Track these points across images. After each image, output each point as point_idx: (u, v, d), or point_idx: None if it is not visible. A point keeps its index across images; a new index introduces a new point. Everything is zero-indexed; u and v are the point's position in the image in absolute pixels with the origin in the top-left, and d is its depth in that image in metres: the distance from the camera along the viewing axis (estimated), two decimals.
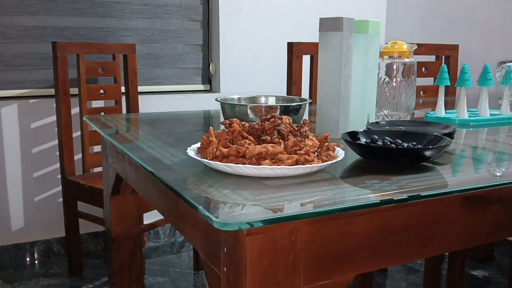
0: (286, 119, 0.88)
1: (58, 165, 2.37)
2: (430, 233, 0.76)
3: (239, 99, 1.32)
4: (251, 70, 2.75)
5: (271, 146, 0.78)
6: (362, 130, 0.97)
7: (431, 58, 2.29)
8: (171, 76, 2.67)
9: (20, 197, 2.33)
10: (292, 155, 0.78)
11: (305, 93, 2.09)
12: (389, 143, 0.87)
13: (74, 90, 2.19)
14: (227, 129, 0.86)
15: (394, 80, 1.24)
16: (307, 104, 1.26)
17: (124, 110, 2.37)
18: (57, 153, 2.34)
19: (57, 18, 2.37)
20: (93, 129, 1.75)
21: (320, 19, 1.09)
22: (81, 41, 2.39)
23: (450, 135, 0.99)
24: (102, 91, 2.27)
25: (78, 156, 2.30)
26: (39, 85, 2.38)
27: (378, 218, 0.71)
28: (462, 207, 0.78)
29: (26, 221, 2.36)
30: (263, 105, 1.27)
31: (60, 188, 2.38)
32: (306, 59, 2.02)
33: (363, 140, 0.94)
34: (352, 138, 0.93)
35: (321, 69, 1.11)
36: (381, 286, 2.16)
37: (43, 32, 2.35)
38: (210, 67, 2.75)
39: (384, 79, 1.25)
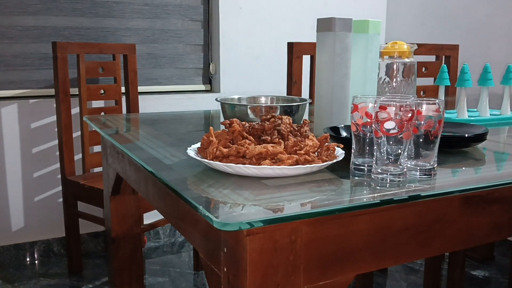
0: (286, 119, 0.88)
1: (58, 165, 2.37)
2: (430, 233, 0.76)
3: (239, 99, 1.32)
4: (251, 70, 2.75)
5: (271, 146, 0.78)
6: (343, 125, 1.05)
7: (431, 58, 2.29)
8: (171, 76, 2.67)
9: (20, 197, 2.33)
10: (292, 155, 0.78)
11: (305, 93, 2.09)
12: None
13: (74, 90, 2.19)
14: (227, 129, 0.86)
15: (394, 80, 1.24)
16: (307, 104, 1.26)
17: (124, 110, 2.37)
18: (57, 153, 2.34)
19: (57, 18, 2.37)
20: (93, 129, 1.75)
21: (317, 19, 1.09)
22: (81, 41, 2.39)
23: (483, 136, 0.98)
24: (102, 91, 2.27)
25: (78, 156, 2.30)
26: (39, 85, 2.38)
27: (378, 218, 0.71)
28: (462, 207, 0.78)
29: (26, 221, 2.36)
30: (263, 105, 1.27)
31: (60, 188, 2.38)
32: (306, 59, 2.01)
33: (343, 133, 1.02)
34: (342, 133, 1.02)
35: (318, 69, 1.11)
36: (381, 286, 2.16)
37: (43, 32, 2.35)
38: (210, 67, 2.75)
39: (384, 79, 1.25)
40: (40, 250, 2.39)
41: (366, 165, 0.80)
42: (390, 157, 0.75)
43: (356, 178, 0.79)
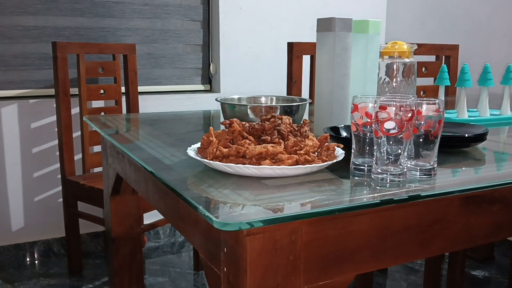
0: (286, 119, 0.88)
1: (58, 165, 2.37)
2: (430, 233, 0.76)
3: (239, 99, 1.32)
4: (251, 70, 2.75)
5: (271, 146, 0.78)
6: (343, 125, 1.05)
7: (431, 58, 2.29)
8: (171, 76, 2.67)
9: (20, 197, 2.33)
10: (292, 155, 0.78)
11: (305, 93, 2.09)
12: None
13: (74, 90, 2.19)
14: (227, 129, 0.86)
15: (394, 80, 1.24)
16: (307, 104, 1.26)
17: (124, 110, 2.37)
18: (57, 153, 2.34)
19: (57, 18, 2.37)
20: (93, 129, 1.75)
21: (317, 19, 1.09)
22: (81, 41, 2.39)
23: (483, 136, 0.99)
24: (102, 91, 2.27)
25: (78, 156, 2.30)
26: (39, 85, 2.38)
27: (378, 218, 0.71)
28: (462, 207, 0.78)
29: (26, 221, 2.36)
30: (263, 105, 1.27)
31: (60, 188, 2.38)
32: (306, 59, 2.01)
33: (343, 133, 1.03)
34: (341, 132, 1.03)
35: (318, 69, 1.11)
36: (381, 286, 2.16)
37: (43, 32, 2.35)
38: (210, 67, 2.75)
39: (384, 79, 1.25)
40: (40, 250, 2.39)
41: (366, 165, 0.80)
42: (390, 157, 0.75)
43: (356, 178, 0.79)
